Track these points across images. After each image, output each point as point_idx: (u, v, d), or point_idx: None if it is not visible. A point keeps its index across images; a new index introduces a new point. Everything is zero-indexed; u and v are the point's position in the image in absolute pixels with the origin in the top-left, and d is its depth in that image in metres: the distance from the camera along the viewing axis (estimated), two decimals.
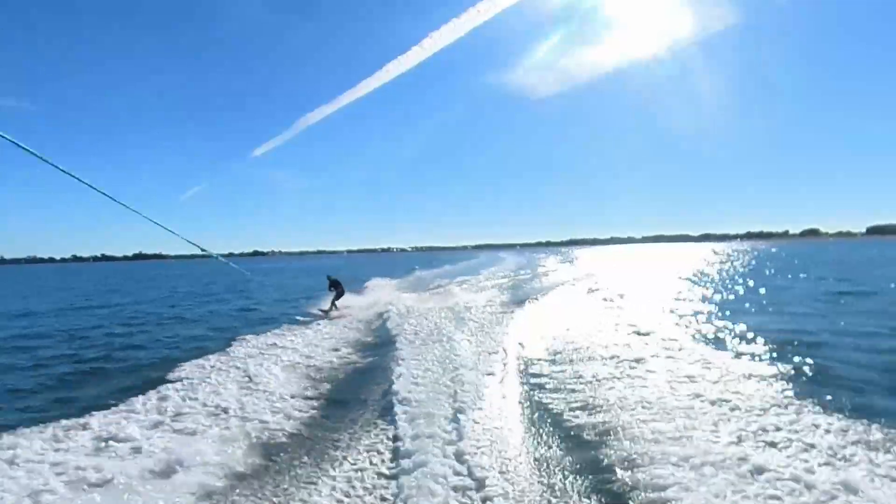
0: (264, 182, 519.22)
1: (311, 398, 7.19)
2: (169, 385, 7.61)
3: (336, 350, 10.50)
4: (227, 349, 10.36)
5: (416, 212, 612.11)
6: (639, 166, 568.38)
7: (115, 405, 6.69)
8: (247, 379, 8.01)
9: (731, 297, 18.48)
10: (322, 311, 16.68)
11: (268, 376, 8.13)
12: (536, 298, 18.50)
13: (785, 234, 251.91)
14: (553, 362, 8.68)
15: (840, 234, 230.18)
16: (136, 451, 5.20)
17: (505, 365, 8.47)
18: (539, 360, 8.92)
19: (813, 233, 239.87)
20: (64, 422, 5.96)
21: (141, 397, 6.97)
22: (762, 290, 20.28)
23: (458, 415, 5.94)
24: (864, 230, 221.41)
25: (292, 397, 7.11)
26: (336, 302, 17.35)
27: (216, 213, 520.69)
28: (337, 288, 17.69)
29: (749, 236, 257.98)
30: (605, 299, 17.67)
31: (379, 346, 10.99)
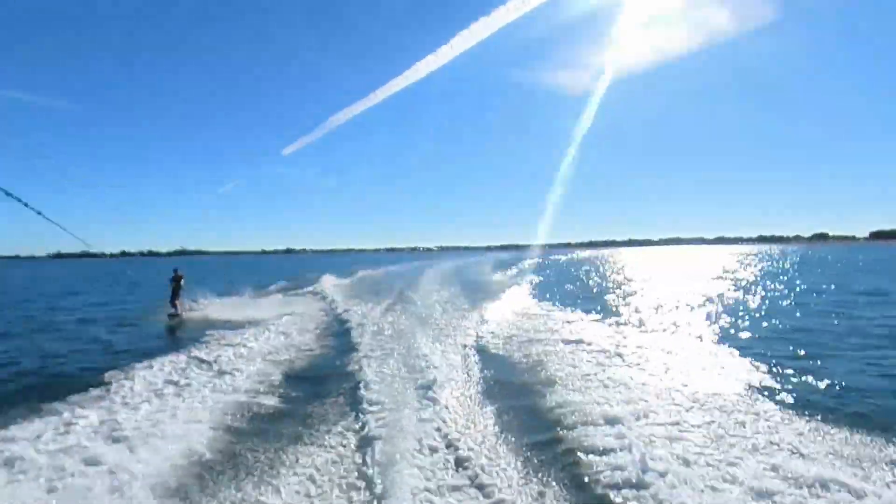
0: (294, 181, 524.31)
1: (270, 389, 7.08)
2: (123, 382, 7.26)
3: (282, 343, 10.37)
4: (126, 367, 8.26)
5: (439, 212, 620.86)
6: (655, 168, 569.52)
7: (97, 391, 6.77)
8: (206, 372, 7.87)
9: None
10: (170, 314, 14.74)
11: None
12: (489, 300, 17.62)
13: (796, 238, 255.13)
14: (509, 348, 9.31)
15: (844, 238, 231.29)
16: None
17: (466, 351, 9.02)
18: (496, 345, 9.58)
19: (822, 237, 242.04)
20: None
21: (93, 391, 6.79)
22: None
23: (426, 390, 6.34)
24: (867, 234, 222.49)
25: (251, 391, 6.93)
26: (176, 301, 15.00)
27: (250, 209, 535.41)
28: (176, 283, 15.24)
29: (762, 239, 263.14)
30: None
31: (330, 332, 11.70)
